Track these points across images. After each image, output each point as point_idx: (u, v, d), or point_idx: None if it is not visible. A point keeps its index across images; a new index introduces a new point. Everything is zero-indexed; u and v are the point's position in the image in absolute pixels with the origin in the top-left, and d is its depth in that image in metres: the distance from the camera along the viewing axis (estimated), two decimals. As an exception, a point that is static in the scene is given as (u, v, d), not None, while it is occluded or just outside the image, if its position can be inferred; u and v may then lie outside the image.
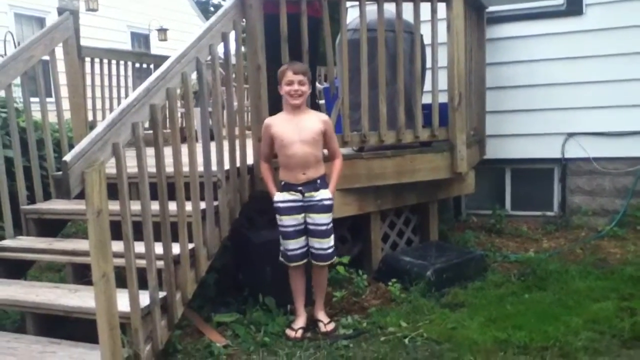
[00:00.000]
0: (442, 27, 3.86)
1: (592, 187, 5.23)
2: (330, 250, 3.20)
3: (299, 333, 3.15)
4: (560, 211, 5.38)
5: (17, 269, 3.35)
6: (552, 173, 5.42)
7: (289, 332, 3.15)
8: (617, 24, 4.95)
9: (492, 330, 3.02)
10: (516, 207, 5.55)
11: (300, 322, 3.21)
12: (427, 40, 4.00)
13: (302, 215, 3.15)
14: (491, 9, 5.24)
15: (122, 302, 2.43)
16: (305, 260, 3.20)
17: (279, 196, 3.17)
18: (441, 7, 3.85)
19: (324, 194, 3.15)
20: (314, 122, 3.15)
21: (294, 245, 3.16)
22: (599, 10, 5.03)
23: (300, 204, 3.14)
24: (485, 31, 5.17)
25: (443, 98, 3.95)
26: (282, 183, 3.20)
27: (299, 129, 3.11)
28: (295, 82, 3.08)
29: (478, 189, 4.65)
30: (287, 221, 3.15)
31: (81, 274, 3.18)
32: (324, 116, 3.29)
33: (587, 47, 5.06)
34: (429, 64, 3.98)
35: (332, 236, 3.21)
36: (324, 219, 3.15)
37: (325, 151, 3.25)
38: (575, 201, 5.30)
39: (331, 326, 3.20)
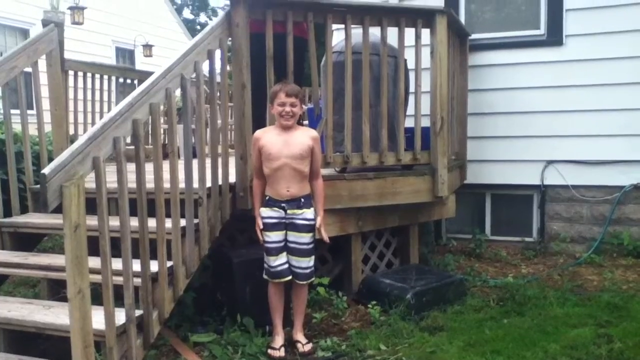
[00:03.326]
0: (425, 53, 3.92)
1: (570, 214, 5.30)
2: (308, 270, 3.18)
3: (282, 351, 3.11)
4: (539, 237, 5.44)
5: (-10, 284, 3.28)
6: (532, 199, 5.49)
7: (271, 352, 3.10)
8: (596, 55, 5.08)
9: (470, 355, 3.02)
10: (496, 232, 5.60)
11: (280, 340, 3.17)
12: (411, 64, 4.06)
13: (285, 232, 3.15)
14: (474, 36, 5.34)
15: (97, 319, 2.38)
16: (289, 277, 3.17)
17: (263, 212, 3.17)
18: (425, 33, 3.91)
19: (307, 214, 3.15)
20: (303, 138, 3.15)
21: (277, 261, 3.14)
22: (578, 42, 5.16)
23: (282, 220, 3.14)
24: (468, 58, 5.26)
25: (425, 122, 3.99)
26: (267, 198, 3.19)
27: (287, 144, 3.11)
28: (287, 103, 3.09)
29: (459, 213, 4.69)
30: (274, 237, 3.14)
31: (56, 290, 3.12)
32: (313, 132, 3.27)
33: (567, 77, 5.18)
34: (412, 88, 4.03)
35: (313, 256, 3.20)
36: (305, 238, 3.14)
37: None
38: (554, 227, 5.36)
39: (309, 347, 3.17)
